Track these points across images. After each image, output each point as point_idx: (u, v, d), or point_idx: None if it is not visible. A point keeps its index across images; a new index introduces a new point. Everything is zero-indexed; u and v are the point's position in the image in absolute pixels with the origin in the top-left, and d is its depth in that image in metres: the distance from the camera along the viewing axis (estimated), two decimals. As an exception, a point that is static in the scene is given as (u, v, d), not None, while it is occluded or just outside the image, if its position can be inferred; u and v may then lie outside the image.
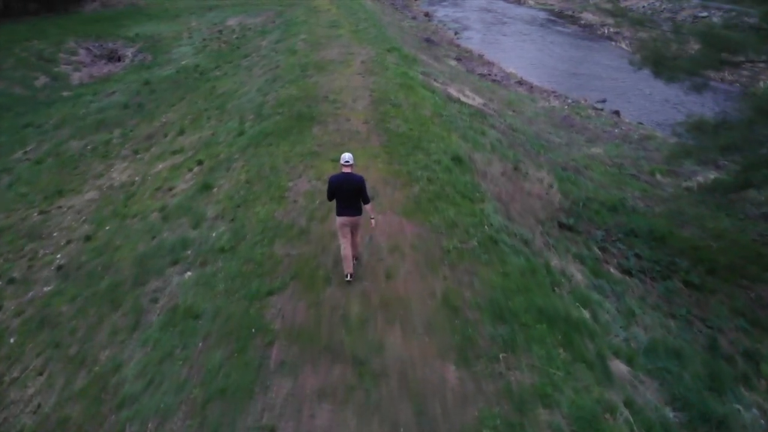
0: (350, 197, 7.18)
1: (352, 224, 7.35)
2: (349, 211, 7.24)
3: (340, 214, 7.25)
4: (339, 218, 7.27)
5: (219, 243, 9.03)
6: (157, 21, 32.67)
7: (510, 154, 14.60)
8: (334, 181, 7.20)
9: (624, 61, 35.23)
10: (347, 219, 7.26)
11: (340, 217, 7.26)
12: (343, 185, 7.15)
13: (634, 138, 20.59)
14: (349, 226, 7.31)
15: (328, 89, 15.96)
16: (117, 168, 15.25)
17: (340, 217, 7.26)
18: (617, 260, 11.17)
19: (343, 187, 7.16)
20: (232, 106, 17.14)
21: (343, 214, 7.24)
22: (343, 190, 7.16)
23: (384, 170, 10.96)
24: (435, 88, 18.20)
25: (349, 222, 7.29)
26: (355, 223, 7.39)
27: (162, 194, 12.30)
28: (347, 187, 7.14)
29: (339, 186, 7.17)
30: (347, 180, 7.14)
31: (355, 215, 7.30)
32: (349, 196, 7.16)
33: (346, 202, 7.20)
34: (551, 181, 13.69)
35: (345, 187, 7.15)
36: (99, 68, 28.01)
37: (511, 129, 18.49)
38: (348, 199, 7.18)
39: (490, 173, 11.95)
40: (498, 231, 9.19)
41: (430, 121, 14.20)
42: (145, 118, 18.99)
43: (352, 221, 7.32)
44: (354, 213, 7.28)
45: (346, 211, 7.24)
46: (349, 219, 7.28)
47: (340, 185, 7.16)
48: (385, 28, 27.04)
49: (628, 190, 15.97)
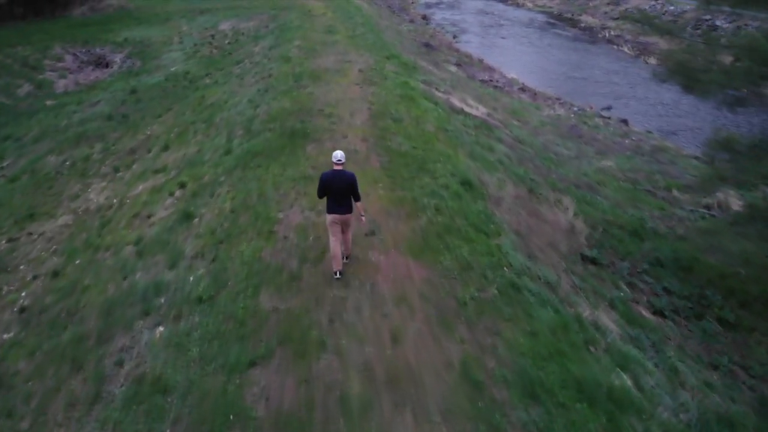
0: (341, 194, 7.07)
1: (342, 222, 7.22)
2: (340, 209, 7.11)
3: (331, 211, 7.14)
4: (329, 216, 7.16)
5: (196, 290, 7.67)
6: (147, 25, 31.23)
7: (521, 173, 13.29)
8: (325, 178, 7.07)
9: (625, 64, 34.00)
10: (338, 217, 7.14)
11: (331, 215, 7.14)
12: (334, 182, 7.03)
13: (646, 150, 19.30)
14: (339, 223, 7.20)
15: (323, 101, 14.60)
16: (95, 188, 13.86)
17: (330, 214, 7.15)
18: (647, 297, 9.88)
19: (334, 185, 7.04)
20: (221, 119, 15.76)
21: (334, 211, 7.12)
22: (335, 188, 7.04)
23: (386, 198, 9.62)
24: (437, 99, 16.87)
25: (339, 220, 7.16)
26: (345, 221, 7.24)
27: (139, 222, 10.93)
28: (339, 184, 7.03)
29: (330, 183, 7.05)
30: (339, 177, 7.04)
31: (345, 213, 7.16)
32: (340, 193, 7.06)
33: (338, 199, 7.09)
34: (568, 203, 12.39)
35: (336, 184, 7.03)
36: (86, 75, 26.59)
37: (518, 141, 17.18)
38: (339, 197, 7.08)
39: (504, 198, 10.62)
40: (519, 273, 7.87)
41: (434, 137, 12.87)
42: (128, 131, 17.59)
43: (342, 219, 7.18)
44: (345, 211, 7.15)
45: (337, 209, 7.11)
46: (340, 217, 7.14)
47: (331, 182, 7.04)
48: (383, 33, 25.69)
49: (645, 208, 14.70)
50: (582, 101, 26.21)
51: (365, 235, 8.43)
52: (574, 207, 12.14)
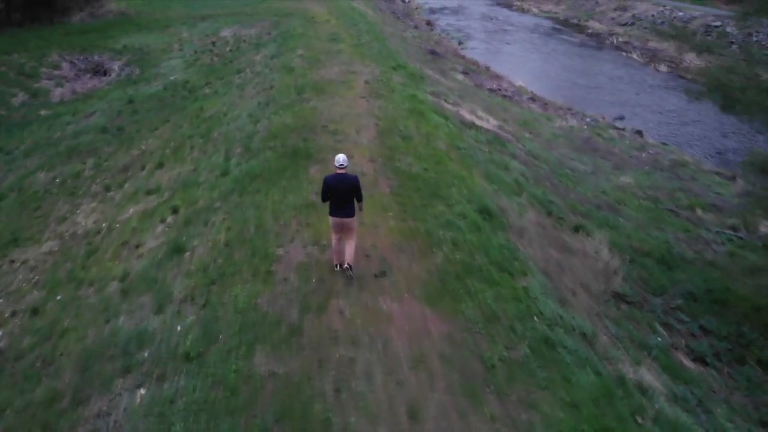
0: (344, 197, 7.06)
1: (344, 225, 7.17)
2: (342, 212, 7.09)
3: (333, 214, 7.15)
4: (331, 218, 7.21)
5: (184, 344, 6.66)
6: (146, 32, 30.28)
7: (539, 194, 12.28)
8: (328, 182, 7.08)
9: (635, 72, 32.95)
10: (339, 220, 7.13)
11: (332, 218, 7.18)
12: (337, 186, 7.02)
13: (665, 164, 18.27)
14: (340, 225, 7.18)
15: (327, 117, 13.60)
16: (84, 209, 12.87)
17: (332, 217, 7.19)
18: (685, 341, 8.87)
19: (337, 188, 7.02)
20: (219, 133, 14.77)
21: (336, 215, 7.12)
22: (338, 191, 7.02)
23: (397, 230, 8.61)
24: (447, 112, 15.87)
25: (341, 223, 7.15)
26: (347, 225, 7.16)
27: (127, 253, 9.94)
28: (341, 187, 7.02)
29: (334, 186, 7.03)
30: (341, 180, 7.04)
31: (347, 216, 7.11)
32: (343, 196, 7.04)
33: (340, 202, 7.07)
34: (591, 228, 11.38)
35: (339, 187, 7.02)
36: (83, 83, 25.63)
37: (532, 156, 16.17)
38: (342, 200, 7.06)
39: (526, 228, 9.60)
40: (552, 324, 6.85)
41: (446, 156, 11.87)
42: (123, 145, 16.61)
43: (344, 223, 7.14)
44: (346, 215, 7.10)
45: (339, 212, 7.10)
46: (341, 220, 7.13)
47: (334, 186, 7.03)
48: (388, 40, 24.69)
49: (669, 230, 13.70)
50: (593, 110, 25.23)
51: (375, 276, 7.43)
52: (598, 234, 11.13)
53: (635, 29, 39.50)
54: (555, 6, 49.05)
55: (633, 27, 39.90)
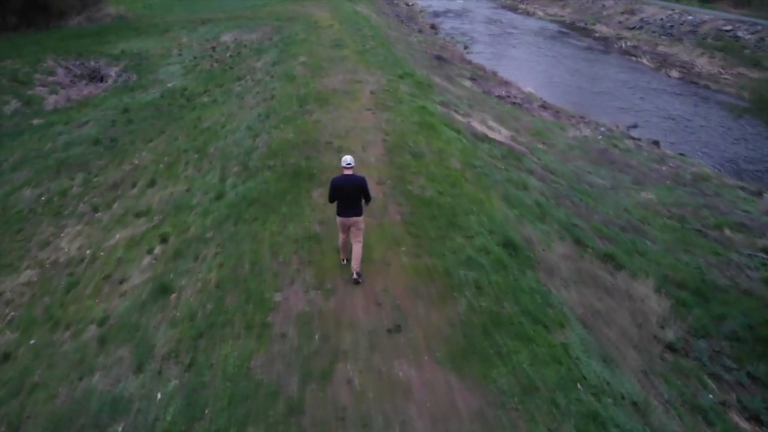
0: (352, 198, 7.01)
1: (351, 224, 7.10)
2: (348, 212, 7.06)
3: (341, 214, 7.10)
4: (339, 218, 7.15)
5: (164, 418, 5.54)
6: (145, 36, 29.18)
7: (562, 217, 11.15)
8: (335, 183, 7.04)
9: (646, 78, 31.74)
10: (347, 219, 7.08)
11: (340, 218, 7.13)
12: (345, 186, 6.99)
13: (687, 178, 17.11)
14: (348, 225, 7.13)
15: (331, 131, 12.48)
16: (68, 232, 11.78)
17: (340, 217, 7.13)
18: (736, 394, 7.71)
19: (345, 189, 6.98)
20: (216, 148, 13.66)
21: (343, 215, 7.09)
22: (345, 191, 6.98)
23: (411, 269, 7.48)
24: (458, 125, 14.73)
25: (348, 222, 7.09)
26: (354, 224, 7.10)
27: (109, 289, 8.82)
28: (349, 188, 6.98)
29: (341, 187, 7.00)
30: (349, 181, 7.00)
31: (355, 216, 7.07)
32: (351, 196, 6.99)
33: (348, 202, 7.02)
34: (621, 257, 10.25)
35: (347, 188, 6.98)
36: (78, 90, 24.55)
37: (549, 171, 15.03)
38: (350, 200, 7.01)
39: (555, 264, 8.47)
40: (598, 393, 5.72)
41: (461, 176, 10.74)
42: (115, 158, 15.50)
43: (352, 221, 7.09)
44: (353, 214, 7.07)
45: (346, 212, 7.07)
46: (349, 219, 7.07)
47: (342, 187, 6.99)
48: (394, 46, 23.55)
49: (699, 252, 12.54)
50: (605, 118, 24.08)
51: (389, 331, 6.30)
52: (625, 262, 10.01)
53: (644, 33, 38.32)
54: (560, 9, 47.86)
55: (641, 31, 38.72)
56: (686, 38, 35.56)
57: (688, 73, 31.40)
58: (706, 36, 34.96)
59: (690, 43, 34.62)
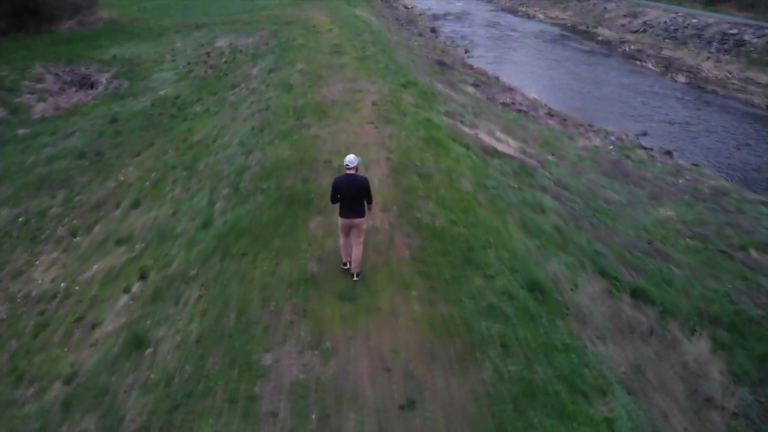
0: (354, 198, 6.77)
1: (353, 225, 6.91)
2: (350, 213, 6.85)
3: (342, 215, 6.89)
4: (341, 219, 6.94)
5: None
6: (138, 41, 27.99)
7: (584, 243, 10.05)
8: (337, 184, 6.81)
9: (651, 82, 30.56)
10: (348, 221, 6.87)
11: (342, 219, 6.91)
12: (346, 187, 6.74)
13: (705, 192, 16.00)
14: (349, 226, 6.92)
15: (331, 148, 11.35)
16: (44, 260, 10.63)
17: (342, 218, 6.92)
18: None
19: (346, 189, 6.73)
20: (206, 165, 12.52)
21: (345, 216, 6.87)
22: (347, 191, 6.74)
23: (425, 322, 6.35)
24: (466, 138, 13.61)
25: (350, 223, 6.89)
26: (356, 225, 6.90)
27: (80, 335, 7.69)
28: (351, 188, 6.73)
29: (342, 187, 6.75)
30: (351, 181, 6.76)
31: (357, 217, 6.86)
32: (353, 197, 6.75)
33: (350, 203, 6.80)
34: (650, 290, 9.14)
35: (349, 188, 6.73)
36: (67, 97, 23.35)
37: (562, 187, 13.93)
38: (352, 201, 6.78)
39: (586, 307, 7.35)
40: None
41: (474, 200, 9.62)
42: (99, 174, 14.35)
43: (353, 223, 6.88)
44: (356, 215, 6.86)
45: (348, 213, 6.85)
46: (350, 221, 6.86)
47: (343, 187, 6.75)
48: (395, 52, 22.42)
49: (726, 277, 11.45)
50: (613, 125, 23.00)
51: (401, 408, 5.18)
52: (662, 298, 8.90)
53: (647, 36, 37.24)
54: (562, 12, 46.74)
55: (645, 34, 37.64)
56: (691, 42, 34.50)
57: (695, 77, 30.33)
58: (711, 40, 33.89)
59: (695, 47, 33.55)
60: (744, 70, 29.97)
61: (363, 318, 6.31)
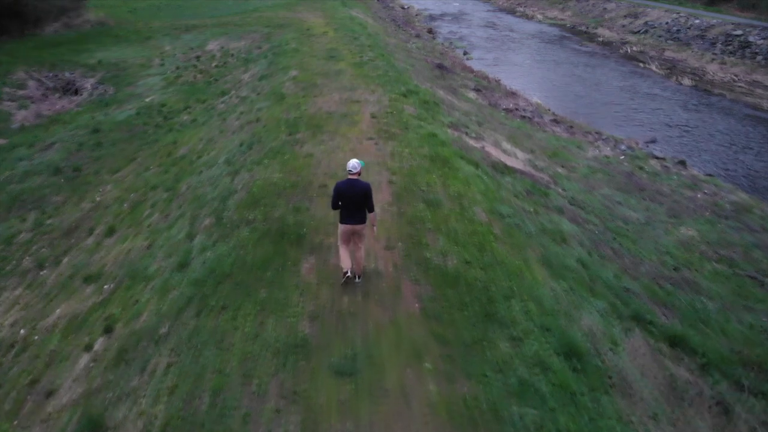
0: (355, 204, 6.41)
1: (354, 232, 6.55)
2: (352, 220, 6.48)
3: (344, 221, 6.52)
4: (342, 225, 6.54)
5: None
6: (125, 44, 26.57)
7: (611, 280, 8.82)
8: (339, 188, 6.43)
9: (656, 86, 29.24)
10: (350, 227, 6.49)
11: (343, 225, 6.52)
12: (348, 192, 6.36)
13: (726, 208, 14.77)
14: (351, 233, 6.54)
15: (326, 169, 10.06)
16: (5, 299, 9.32)
17: (342, 224, 6.52)
18: None
19: (348, 194, 6.37)
20: (188, 186, 11.21)
21: (347, 222, 6.50)
22: (349, 197, 6.37)
23: (442, 407, 5.07)
24: (473, 154, 12.34)
25: (351, 230, 6.52)
26: (358, 231, 6.55)
27: (32, 406, 6.39)
28: (353, 192, 6.36)
29: (344, 192, 6.38)
30: (353, 186, 6.39)
31: (358, 223, 6.49)
32: (354, 202, 6.40)
33: (352, 209, 6.45)
34: (690, 336, 7.91)
35: (350, 193, 6.36)
36: (50, 104, 21.95)
37: (578, 206, 12.69)
38: (353, 206, 6.43)
39: (630, 374, 6.09)
40: None
41: (490, 233, 8.35)
42: (75, 193, 13.04)
43: (355, 229, 6.51)
44: (357, 222, 6.49)
45: (350, 219, 6.49)
46: (352, 227, 6.48)
47: (345, 191, 6.38)
48: (393, 56, 21.08)
49: (760, 309, 10.28)
50: (619, 131, 21.85)
51: None
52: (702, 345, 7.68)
53: (649, 37, 35.99)
54: (560, 12, 45.43)
55: (647, 35, 36.38)
56: (694, 43, 33.28)
57: (701, 80, 29.12)
58: (715, 41, 32.68)
59: (699, 48, 32.33)
60: (750, 72, 28.79)
61: (366, 404, 5.04)
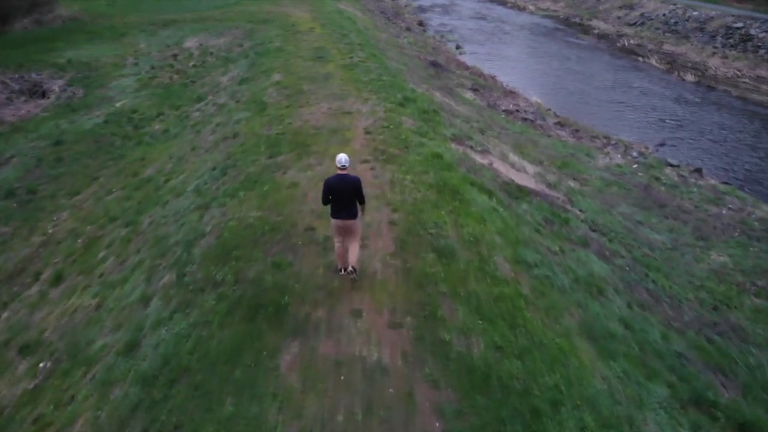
0: (346, 198, 6.18)
1: (346, 228, 6.27)
2: (343, 215, 6.21)
3: (335, 216, 6.27)
4: (333, 220, 6.30)
5: None
6: (98, 41, 24.21)
7: (657, 341, 7.22)
8: (329, 183, 6.16)
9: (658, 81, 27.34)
10: (341, 222, 6.25)
11: (335, 220, 6.28)
12: (338, 187, 6.13)
13: (756, 228, 13.06)
14: (343, 228, 6.28)
15: (313, 204, 8.16)
16: None
17: (334, 219, 6.28)
18: None
19: (338, 188, 6.13)
20: (151, 221, 9.25)
21: (338, 217, 6.24)
22: (339, 191, 6.13)
23: None
24: (483, 176, 10.49)
25: (343, 225, 6.26)
26: (349, 228, 6.28)
27: None
28: (342, 187, 6.13)
29: (334, 187, 6.14)
30: (342, 180, 6.15)
31: (349, 219, 6.24)
32: (344, 197, 6.17)
33: (342, 203, 6.19)
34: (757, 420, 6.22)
35: (340, 187, 6.13)
36: (14, 109, 19.64)
37: (600, 232, 10.95)
38: (343, 201, 6.19)
39: None
40: None
41: (519, 296, 6.55)
42: (26, 223, 11.03)
43: (346, 225, 6.26)
44: (348, 217, 6.23)
45: (340, 214, 6.21)
46: (344, 222, 6.24)
47: (335, 186, 6.14)
48: (385, 55, 19.05)
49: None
50: (627, 134, 20.12)
51: None
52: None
53: (646, 30, 34.16)
54: (553, 3, 43.41)
55: (643, 27, 34.54)
56: (694, 36, 31.53)
57: (703, 75, 27.42)
58: (715, 34, 30.95)
59: (699, 42, 30.59)
60: (754, 67, 27.13)
61: None
